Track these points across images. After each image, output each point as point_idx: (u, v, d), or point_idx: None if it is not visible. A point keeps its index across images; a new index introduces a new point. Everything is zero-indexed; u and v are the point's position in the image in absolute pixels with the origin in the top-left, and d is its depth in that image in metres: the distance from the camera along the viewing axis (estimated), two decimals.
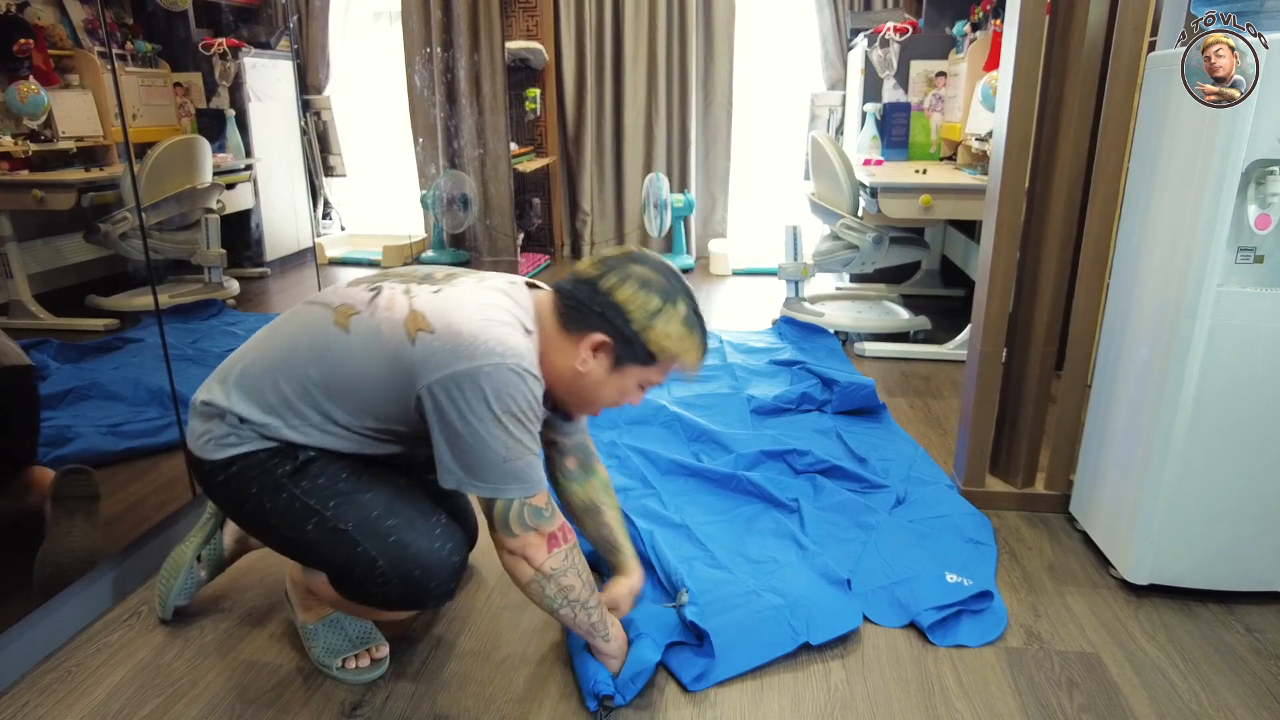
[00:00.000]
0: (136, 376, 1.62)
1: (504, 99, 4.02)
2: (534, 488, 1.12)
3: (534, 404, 1.10)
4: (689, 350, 1.16)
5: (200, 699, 1.28)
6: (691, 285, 1.19)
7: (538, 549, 1.13)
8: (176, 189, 1.78)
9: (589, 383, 1.17)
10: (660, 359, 1.15)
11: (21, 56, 1.42)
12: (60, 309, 1.51)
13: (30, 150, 1.44)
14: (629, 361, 1.15)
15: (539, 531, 1.13)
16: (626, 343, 1.14)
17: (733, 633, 1.36)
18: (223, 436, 1.16)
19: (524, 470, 1.10)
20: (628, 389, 1.19)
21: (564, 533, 1.16)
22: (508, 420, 1.07)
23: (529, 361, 1.09)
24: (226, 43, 1.96)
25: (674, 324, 1.14)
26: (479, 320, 1.09)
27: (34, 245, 1.48)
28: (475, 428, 1.06)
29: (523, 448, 1.09)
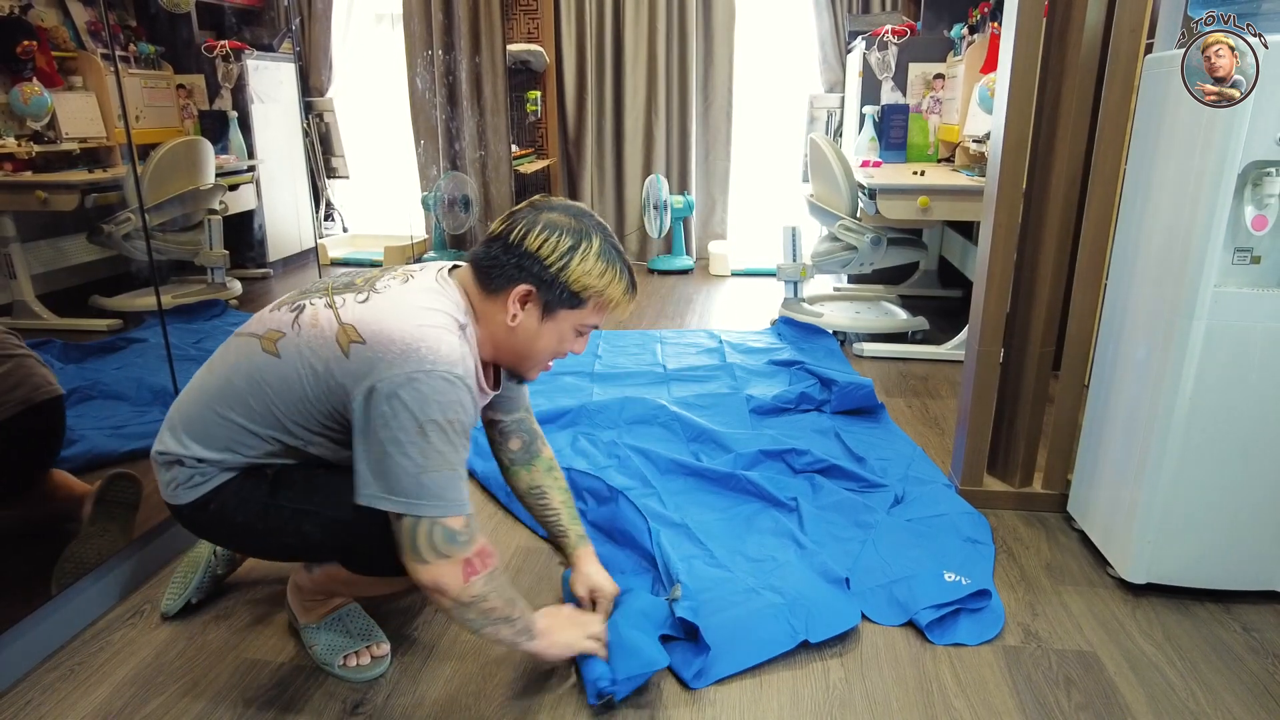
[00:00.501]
0: (139, 377, 1.63)
1: (505, 101, 4.03)
2: (450, 507, 1.07)
3: (462, 413, 1.07)
4: (612, 283, 1.16)
5: (203, 697, 1.29)
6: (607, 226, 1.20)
7: (452, 578, 1.08)
8: (179, 190, 1.79)
9: (523, 336, 1.17)
10: (586, 298, 1.16)
11: (25, 58, 1.43)
12: (64, 309, 1.52)
13: (34, 151, 1.45)
14: (557, 306, 1.15)
15: (451, 559, 1.08)
16: (549, 287, 1.14)
17: (732, 630, 1.37)
18: (187, 480, 1.17)
19: (440, 485, 1.06)
20: (565, 335, 1.19)
21: (481, 559, 1.11)
22: (430, 429, 1.04)
23: (462, 367, 1.07)
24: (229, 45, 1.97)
25: (589, 260, 1.14)
26: (412, 326, 1.07)
27: (38, 246, 1.48)
28: (395, 434, 1.03)
29: (442, 460, 1.05)
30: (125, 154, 1.59)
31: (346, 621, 1.37)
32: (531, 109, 4.54)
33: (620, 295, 1.18)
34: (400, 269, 1.22)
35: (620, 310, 1.21)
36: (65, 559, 1.41)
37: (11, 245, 1.46)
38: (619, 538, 1.68)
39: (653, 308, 3.72)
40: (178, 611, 1.48)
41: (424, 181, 4.40)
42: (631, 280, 1.20)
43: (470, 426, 1.12)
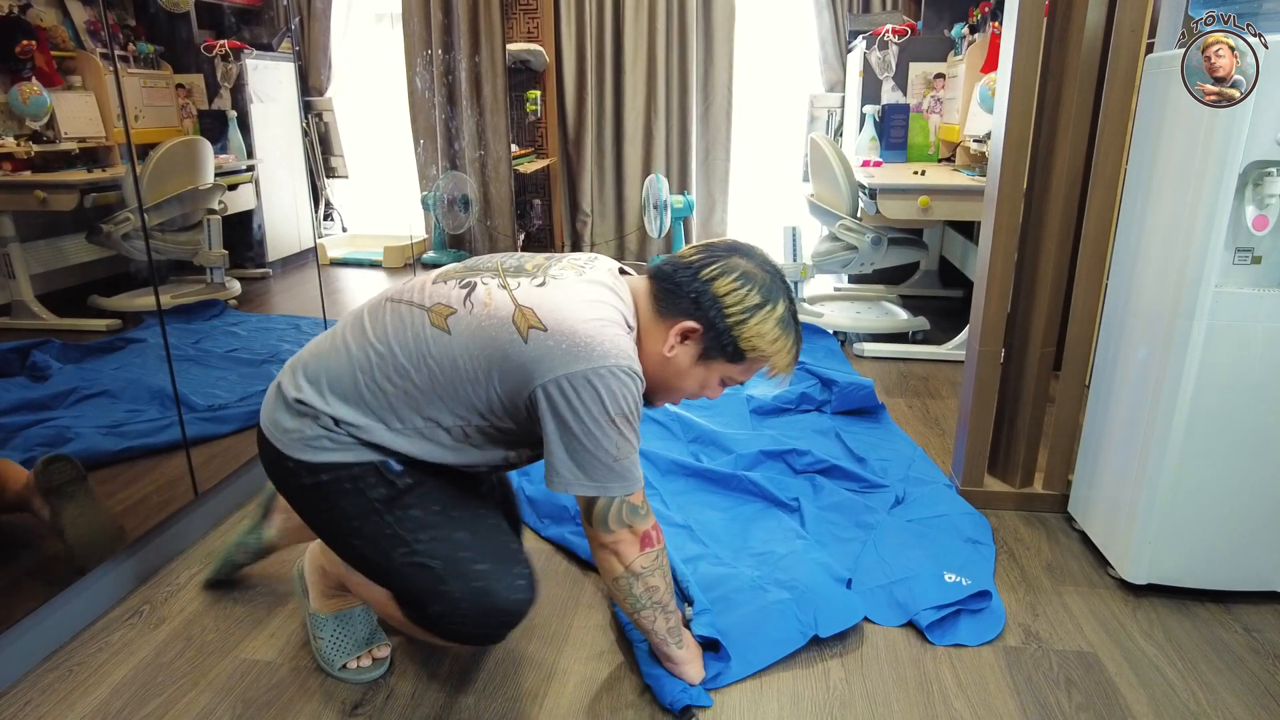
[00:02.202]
0: (138, 377, 1.63)
1: (504, 101, 4.03)
2: (635, 485, 1.13)
3: (639, 405, 1.12)
4: (780, 353, 1.16)
5: (202, 697, 1.29)
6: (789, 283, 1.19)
7: (630, 546, 1.15)
8: (178, 190, 1.79)
9: (673, 370, 1.17)
10: (749, 357, 1.15)
11: (24, 58, 1.43)
12: (63, 309, 1.52)
13: (33, 151, 1.45)
14: (716, 355, 1.15)
15: (633, 530, 1.15)
16: (717, 335, 1.14)
17: (744, 632, 1.37)
18: (314, 438, 1.12)
19: (629, 469, 1.12)
20: (709, 382, 1.19)
21: (656, 533, 1.18)
22: (620, 421, 1.08)
23: (637, 363, 1.10)
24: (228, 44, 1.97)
25: (769, 324, 1.13)
26: (593, 320, 1.08)
27: (36, 246, 1.48)
28: (590, 428, 1.07)
29: (630, 447, 1.11)
30: (124, 154, 1.58)
31: (355, 621, 1.36)
32: (531, 109, 4.53)
33: (784, 365, 1.18)
34: (568, 258, 1.20)
35: (766, 370, 1.19)
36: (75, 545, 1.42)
37: (10, 245, 1.45)
38: None
39: None
40: (213, 583, 1.57)
41: (423, 181, 4.40)
42: (798, 353, 1.19)
43: (639, 414, 1.15)
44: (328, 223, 4.93)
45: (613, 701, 1.28)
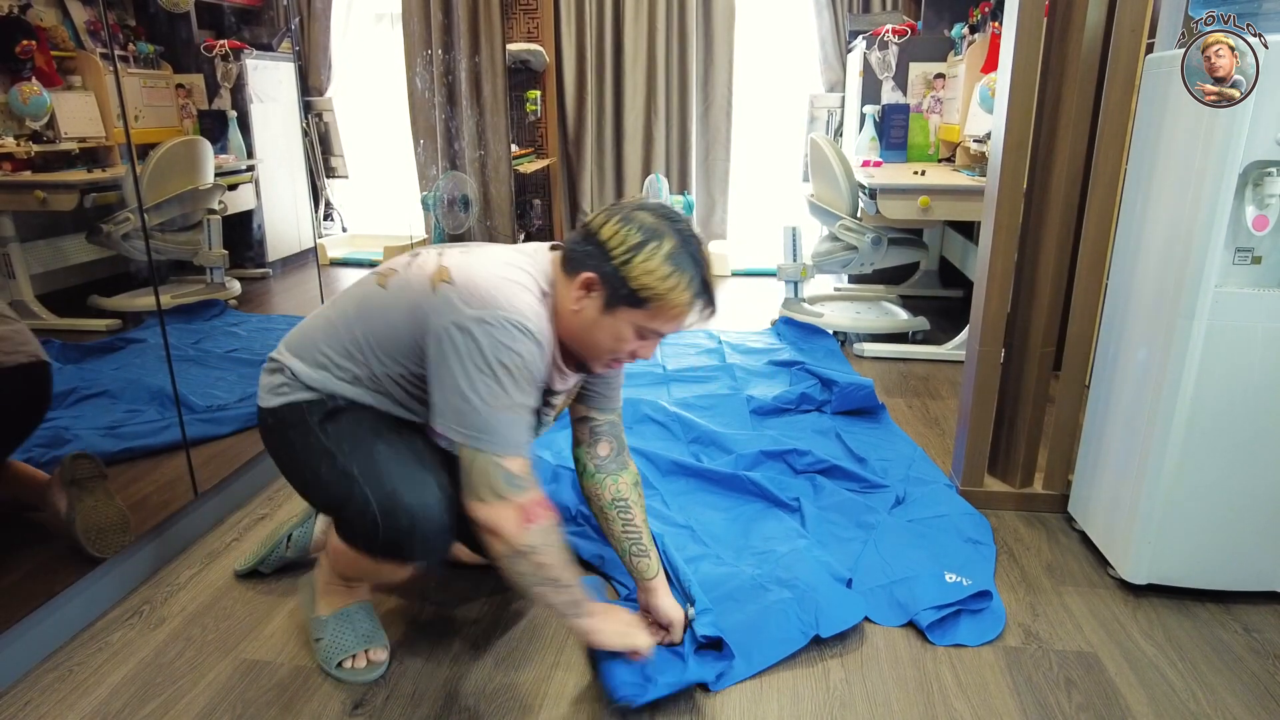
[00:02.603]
0: (138, 377, 1.63)
1: (504, 101, 4.03)
2: (510, 447, 1.11)
3: (529, 363, 1.11)
4: (675, 290, 1.12)
5: (202, 698, 1.29)
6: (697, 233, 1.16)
7: (508, 521, 1.11)
8: (178, 190, 1.79)
9: (583, 323, 1.17)
10: (645, 299, 1.12)
11: (24, 58, 1.43)
12: (62, 309, 1.52)
13: (33, 151, 1.45)
14: (618, 302, 1.14)
15: (510, 502, 1.11)
16: (611, 281, 1.13)
17: (744, 632, 1.37)
18: (276, 386, 1.26)
19: (504, 425, 1.10)
20: (623, 334, 1.16)
21: (538, 508, 1.13)
22: (499, 370, 1.09)
23: (534, 323, 1.12)
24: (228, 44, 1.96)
25: (655, 260, 1.11)
26: (497, 277, 1.13)
27: (36, 246, 1.48)
28: (468, 368, 1.09)
29: (509, 401, 1.10)
30: (124, 154, 1.58)
31: (355, 620, 1.36)
32: (531, 109, 4.53)
33: (682, 303, 1.14)
34: (512, 245, 1.27)
35: (679, 318, 1.16)
36: (84, 533, 1.44)
37: (10, 245, 1.45)
38: None
39: None
40: (245, 573, 1.60)
41: (423, 181, 4.40)
42: (702, 292, 1.15)
43: (539, 382, 1.16)
44: (328, 223, 4.93)
45: (613, 701, 1.27)
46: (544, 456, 2.04)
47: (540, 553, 1.13)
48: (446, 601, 1.53)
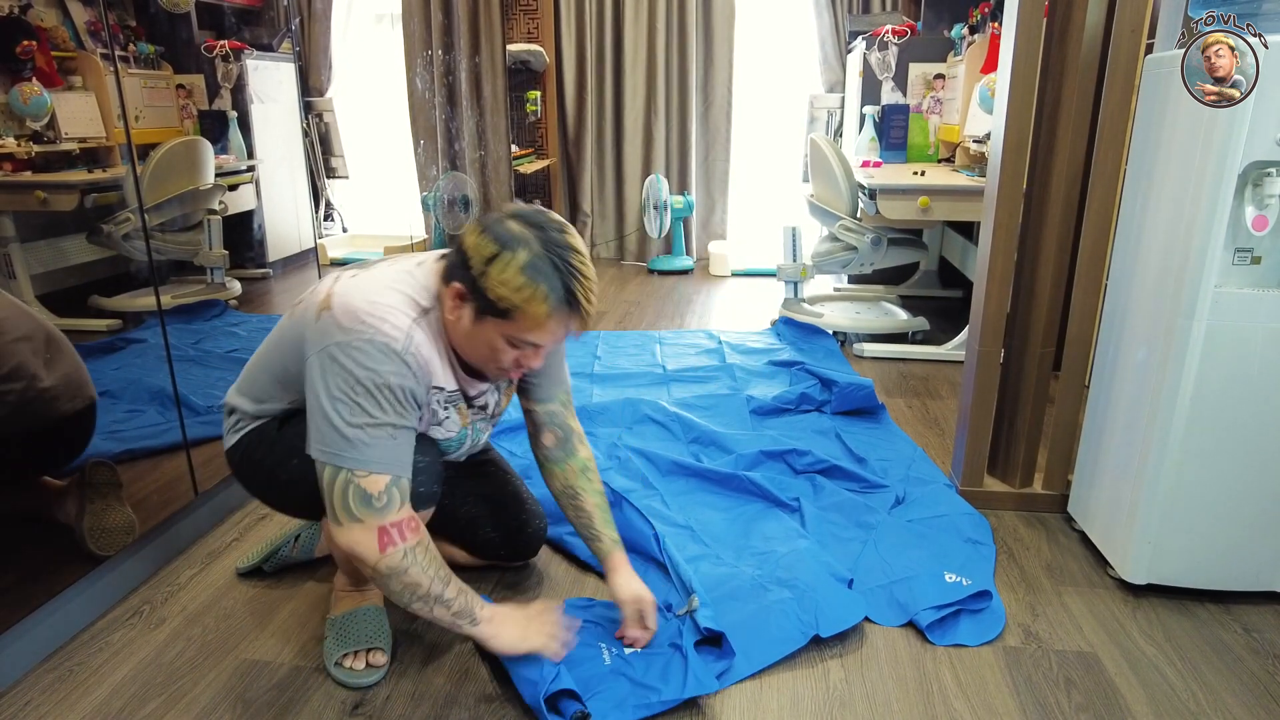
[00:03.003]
0: (139, 377, 1.63)
1: (504, 101, 4.03)
2: (369, 465, 1.10)
3: (393, 384, 1.11)
4: (530, 300, 1.08)
5: (202, 698, 1.29)
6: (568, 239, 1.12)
7: (366, 546, 1.10)
8: (179, 190, 1.79)
9: (461, 334, 1.17)
10: (505, 310, 1.10)
11: (24, 58, 1.43)
12: (63, 309, 1.52)
13: (33, 151, 1.45)
14: (485, 313, 1.12)
15: (365, 525, 1.10)
16: (475, 292, 1.11)
17: (744, 632, 1.37)
18: (233, 426, 1.33)
19: (365, 442, 1.10)
20: (495, 345, 1.14)
21: (400, 529, 1.11)
22: (359, 391, 1.09)
23: (401, 343, 1.12)
24: (229, 45, 1.96)
25: (509, 271, 1.08)
26: (369, 301, 1.13)
27: (37, 246, 1.48)
28: (331, 392, 1.10)
29: (372, 420, 1.10)
30: (125, 154, 1.58)
31: (360, 621, 1.37)
32: (531, 109, 4.54)
33: (540, 315, 1.10)
34: (411, 256, 1.26)
35: (545, 329, 1.12)
36: (89, 533, 1.46)
37: (11, 245, 1.45)
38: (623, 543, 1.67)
39: (652, 308, 3.72)
40: (247, 571, 1.61)
41: (423, 182, 4.40)
42: (564, 302, 1.11)
43: (413, 400, 1.15)
44: (328, 223, 4.93)
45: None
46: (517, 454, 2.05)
47: (406, 573, 1.12)
48: None
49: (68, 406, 1.42)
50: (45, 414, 1.39)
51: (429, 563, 1.16)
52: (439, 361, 1.20)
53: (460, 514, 1.52)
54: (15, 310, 1.37)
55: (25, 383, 1.34)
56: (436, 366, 1.20)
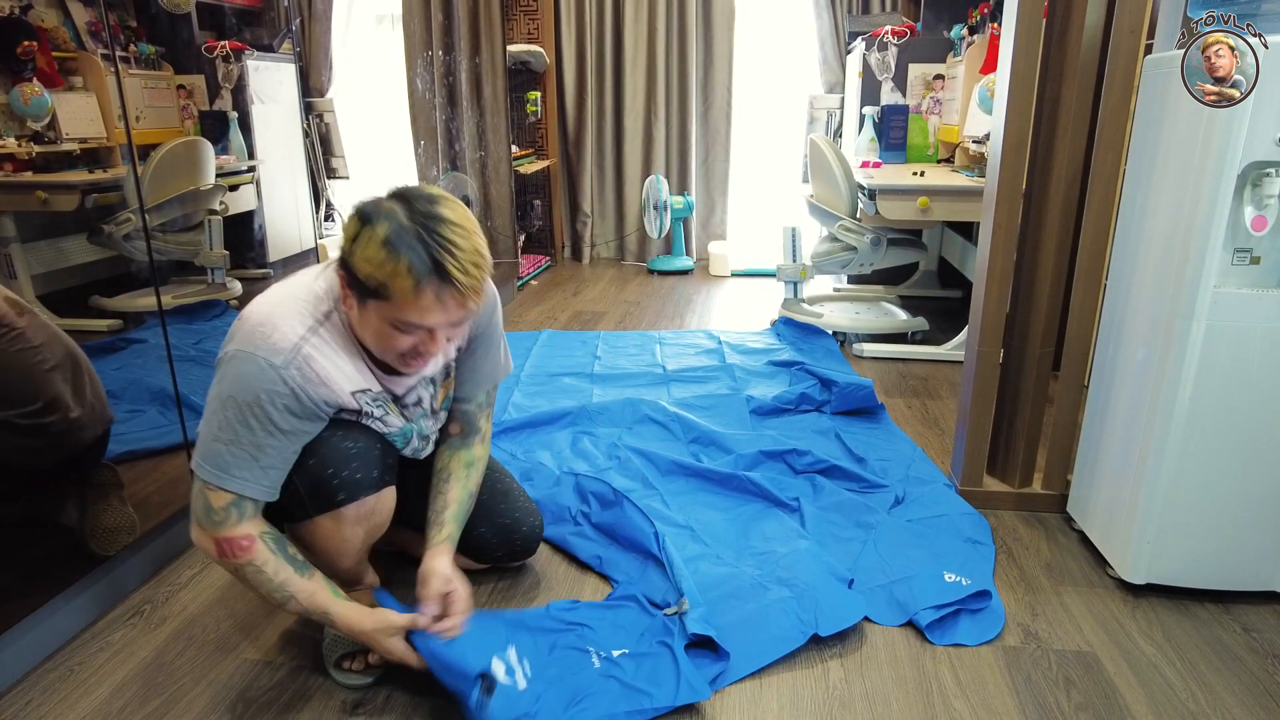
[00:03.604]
0: (140, 377, 1.63)
1: (505, 102, 4.03)
2: (222, 480, 1.11)
3: (263, 403, 1.09)
4: (393, 275, 1.04)
5: (202, 698, 1.29)
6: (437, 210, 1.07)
7: (206, 548, 1.16)
8: (179, 190, 1.79)
9: (358, 326, 1.15)
10: (374, 288, 1.07)
11: (25, 59, 1.43)
12: (64, 310, 1.52)
13: (34, 152, 1.45)
14: (365, 296, 1.09)
15: (204, 532, 1.14)
16: (351, 275, 1.09)
17: (744, 630, 1.37)
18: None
19: (221, 456, 1.11)
20: (382, 330, 1.11)
21: (232, 546, 1.13)
22: (229, 404, 1.10)
23: (283, 358, 1.10)
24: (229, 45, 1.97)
25: (371, 247, 1.05)
26: (264, 314, 1.13)
27: (38, 246, 1.49)
28: (212, 401, 1.12)
29: (233, 435, 1.10)
30: (125, 154, 1.59)
31: None
32: (531, 109, 4.54)
33: (408, 290, 1.05)
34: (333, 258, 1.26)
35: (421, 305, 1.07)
36: (90, 532, 1.46)
37: (12, 245, 1.46)
38: (622, 542, 1.67)
39: (652, 308, 3.72)
40: None
41: (424, 182, 4.40)
42: (430, 274, 1.05)
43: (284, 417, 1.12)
44: (328, 223, 4.93)
45: None
46: (544, 461, 2.04)
47: (245, 580, 1.17)
48: None
49: (90, 435, 1.44)
50: (73, 444, 1.41)
51: (263, 580, 1.17)
52: (350, 364, 1.18)
53: None
54: (51, 336, 1.37)
55: (60, 414, 1.36)
56: (345, 371, 1.17)
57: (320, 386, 1.14)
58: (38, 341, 1.33)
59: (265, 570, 1.16)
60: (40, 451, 1.36)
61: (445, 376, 1.37)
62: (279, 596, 1.18)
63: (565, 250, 4.89)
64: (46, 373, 1.34)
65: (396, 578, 1.55)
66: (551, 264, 4.68)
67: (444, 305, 1.08)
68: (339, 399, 1.17)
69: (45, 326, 1.37)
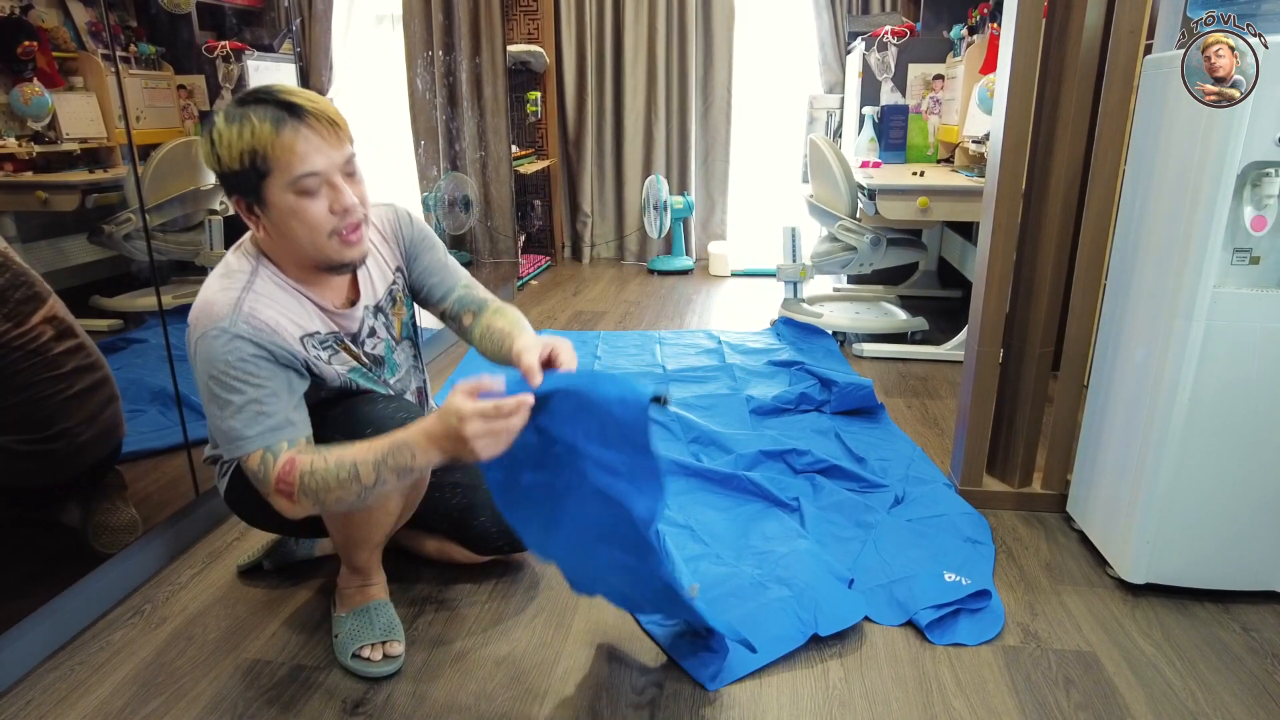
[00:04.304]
0: (140, 377, 1.63)
1: (505, 102, 4.03)
2: (243, 446, 1.13)
3: (232, 363, 1.13)
4: (257, 134, 1.09)
5: (203, 697, 1.29)
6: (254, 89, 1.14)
7: (282, 505, 1.15)
8: (180, 190, 1.79)
9: (278, 235, 1.17)
10: (254, 163, 1.10)
11: (25, 59, 1.43)
12: None
13: (34, 152, 1.45)
14: (255, 189, 1.13)
15: (269, 493, 1.15)
16: (236, 184, 1.14)
17: (744, 630, 1.37)
18: (221, 471, 1.36)
19: (231, 429, 1.13)
20: (295, 206, 1.13)
21: (285, 479, 1.12)
22: (212, 385, 1.13)
23: (229, 319, 1.13)
24: (230, 45, 1.97)
25: (222, 135, 1.11)
26: (198, 303, 1.16)
27: (38, 246, 1.48)
28: (204, 394, 1.16)
29: (229, 407, 1.13)
30: (126, 154, 1.59)
31: (373, 614, 1.38)
32: (531, 109, 4.54)
33: (268, 136, 1.09)
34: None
35: (293, 147, 1.10)
36: (95, 531, 1.48)
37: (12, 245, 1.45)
38: None
39: (652, 308, 3.72)
40: (247, 569, 1.62)
41: (424, 182, 4.40)
42: (284, 111, 1.10)
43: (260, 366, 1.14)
44: None
45: (614, 700, 1.28)
46: None
47: (324, 496, 1.11)
48: (447, 601, 1.53)
49: (96, 455, 1.47)
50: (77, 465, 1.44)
51: (328, 477, 1.10)
52: (294, 307, 1.22)
53: (451, 506, 1.53)
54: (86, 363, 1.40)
55: (68, 440, 1.39)
56: (292, 315, 1.21)
57: (272, 334, 1.17)
58: (68, 367, 1.36)
59: (318, 467, 1.11)
60: (41, 473, 1.38)
61: (393, 304, 1.40)
62: (346, 475, 1.09)
63: (565, 250, 4.89)
64: (64, 401, 1.36)
65: (397, 576, 1.55)
66: (551, 264, 4.68)
67: (316, 139, 1.12)
68: (289, 346, 1.19)
69: (85, 351, 1.40)
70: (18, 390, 1.29)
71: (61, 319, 1.36)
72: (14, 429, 1.31)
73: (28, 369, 1.30)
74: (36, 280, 1.34)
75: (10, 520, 1.38)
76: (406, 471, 1.10)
